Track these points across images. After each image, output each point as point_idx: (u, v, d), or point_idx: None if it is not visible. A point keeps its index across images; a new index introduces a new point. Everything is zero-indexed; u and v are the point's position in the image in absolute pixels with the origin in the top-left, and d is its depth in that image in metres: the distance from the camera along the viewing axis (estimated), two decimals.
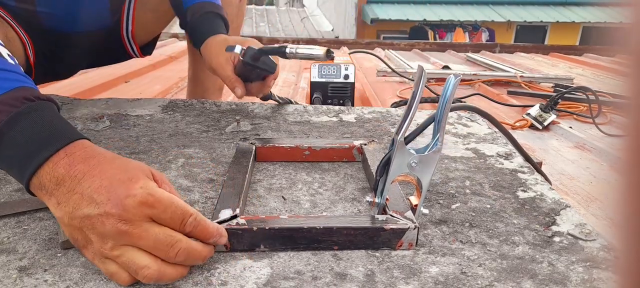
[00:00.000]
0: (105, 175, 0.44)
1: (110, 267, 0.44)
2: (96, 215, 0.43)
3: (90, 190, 0.43)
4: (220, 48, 0.86)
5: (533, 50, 3.57)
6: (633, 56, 0.16)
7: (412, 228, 0.53)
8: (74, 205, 0.44)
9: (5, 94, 0.47)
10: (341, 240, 0.53)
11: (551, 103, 1.49)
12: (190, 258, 0.45)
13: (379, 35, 9.39)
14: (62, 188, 0.44)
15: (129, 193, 0.43)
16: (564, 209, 0.64)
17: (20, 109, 0.47)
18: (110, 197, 0.43)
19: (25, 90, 0.49)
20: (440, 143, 0.54)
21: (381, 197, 0.57)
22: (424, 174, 0.56)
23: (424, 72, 0.52)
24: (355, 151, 0.78)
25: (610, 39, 0.17)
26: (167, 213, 0.44)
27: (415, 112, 0.53)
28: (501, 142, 0.88)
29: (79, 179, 0.44)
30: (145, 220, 0.43)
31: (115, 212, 0.42)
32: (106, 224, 0.42)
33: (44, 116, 0.48)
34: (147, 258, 0.43)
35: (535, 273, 0.50)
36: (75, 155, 0.46)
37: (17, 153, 0.46)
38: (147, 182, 0.45)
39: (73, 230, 0.45)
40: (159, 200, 0.44)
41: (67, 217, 0.44)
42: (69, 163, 0.45)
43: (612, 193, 0.18)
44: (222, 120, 0.94)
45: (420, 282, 0.49)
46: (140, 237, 0.43)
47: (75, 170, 0.45)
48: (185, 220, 0.45)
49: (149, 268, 0.43)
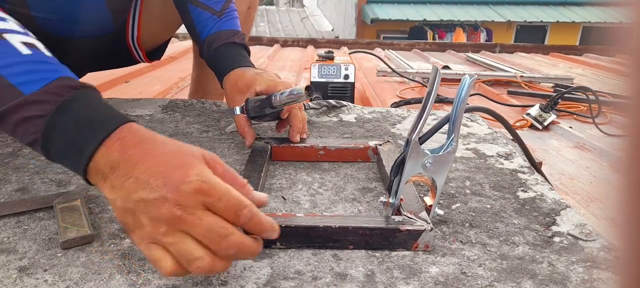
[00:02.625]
0: (160, 160, 0.44)
1: (156, 252, 0.43)
2: (152, 199, 0.42)
3: (145, 174, 0.43)
4: (232, 89, 0.82)
5: (533, 50, 3.57)
6: (633, 56, 0.16)
7: (428, 230, 0.53)
8: (128, 189, 0.44)
9: (49, 84, 0.48)
10: (356, 240, 0.53)
11: (551, 103, 1.49)
12: (241, 252, 0.44)
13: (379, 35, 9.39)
14: (117, 173, 0.44)
15: (184, 180, 0.42)
16: (564, 209, 0.64)
17: (66, 97, 0.48)
18: (166, 182, 0.43)
19: (68, 80, 0.49)
20: (454, 143, 0.54)
21: (395, 197, 0.57)
22: (439, 175, 0.56)
23: (438, 72, 0.52)
24: (370, 151, 0.78)
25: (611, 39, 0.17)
26: (222, 202, 0.43)
27: (429, 111, 0.53)
28: (501, 142, 0.88)
29: (133, 163, 0.44)
30: (200, 208, 0.43)
31: (171, 196, 0.42)
32: (162, 208, 0.42)
33: (91, 102, 0.49)
34: (201, 250, 0.43)
35: (535, 273, 0.50)
36: (126, 139, 0.46)
37: (70, 139, 0.46)
38: (203, 168, 0.44)
39: (125, 213, 0.44)
40: (214, 188, 0.43)
41: (120, 200, 0.44)
42: (121, 147, 0.45)
43: (612, 193, 0.18)
44: (222, 120, 0.94)
45: (420, 282, 0.49)
46: (193, 224, 0.42)
47: (129, 154, 0.44)
48: (240, 211, 0.44)
49: (203, 260, 0.42)
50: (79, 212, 0.57)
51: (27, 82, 0.48)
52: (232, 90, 0.82)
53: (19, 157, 0.74)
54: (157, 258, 0.43)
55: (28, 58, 0.50)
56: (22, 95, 0.47)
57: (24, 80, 0.48)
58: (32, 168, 0.71)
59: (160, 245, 0.43)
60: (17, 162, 0.73)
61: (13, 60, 0.49)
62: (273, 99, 0.72)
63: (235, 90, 0.81)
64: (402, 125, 0.95)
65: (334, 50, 1.88)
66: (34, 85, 0.47)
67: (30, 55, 0.50)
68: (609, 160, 1.20)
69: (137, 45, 1.08)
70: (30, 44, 0.51)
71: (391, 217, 0.55)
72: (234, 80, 0.82)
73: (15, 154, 0.75)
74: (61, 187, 0.66)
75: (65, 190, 0.65)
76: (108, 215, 0.59)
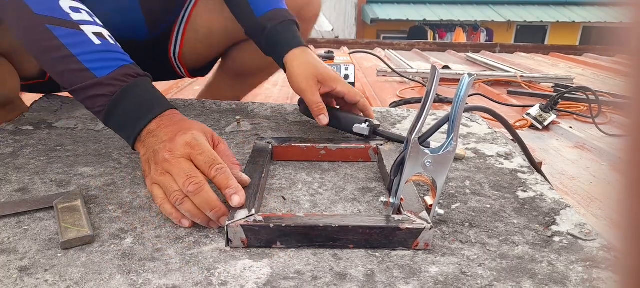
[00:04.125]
0: (176, 127, 0.60)
1: (155, 189, 0.57)
2: (158, 149, 0.58)
3: (162, 134, 0.60)
4: (308, 70, 0.83)
5: (533, 50, 3.57)
6: (633, 56, 0.16)
7: (428, 229, 0.53)
8: (150, 144, 0.60)
9: (115, 71, 0.63)
10: (357, 239, 0.53)
11: (551, 103, 1.49)
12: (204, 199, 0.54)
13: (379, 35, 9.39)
14: (149, 136, 0.61)
15: (181, 136, 0.58)
16: (564, 209, 0.64)
17: (128, 84, 0.63)
18: (170, 138, 0.58)
19: (129, 68, 0.64)
20: (454, 143, 0.54)
21: (396, 197, 0.57)
22: (439, 174, 0.56)
23: (437, 72, 0.52)
24: (371, 151, 0.78)
25: (611, 39, 0.17)
26: (202, 156, 0.56)
27: (429, 111, 0.53)
28: (501, 142, 0.88)
29: (161, 129, 0.61)
30: (184, 156, 0.56)
31: (168, 146, 0.57)
32: (159, 154, 0.57)
33: (146, 89, 0.64)
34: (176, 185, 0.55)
35: (534, 273, 0.50)
36: (164, 117, 0.63)
37: (129, 117, 0.62)
38: (199, 134, 0.59)
39: (144, 162, 0.61)
40: (199, 145, 0.57)
41: (144, 153, 0.61)
42: (159, 121, 0.62)
43: (612, 193, 0.18)
44: (222, 120, 0.94)
45: (420, 281, 0.49)
46: (173, 165, 0.56)
47: (162, 124, 0.61)
48: (213, 165, 0.56)
49: (178, 193, 0.54)
50: (79, 212, 0.57)
51: (99, 68, 0.62)
52: (308, 78, 0.83)
53: (19, 157, 0.74)
54: (155, 193, 0.57)
55: (99, 47, 0.64)
56: (95, 78, 0.62)
57: (97, 67, 0.62)
58: (33, 168, 0.71)
59: (158, 185, 0.57)
60: (17, 162, 0.73)
61: (88, 49, 0.63)
62: (354, 127, 0.82)
63: (311, 79, 0.83)
64: (402, 125, 0.95)
65: (334, 50, 1.88)
66: (104, 71, 0.62)
67: (101, 44, 0.64)
68: (609, 160, 1.20)
69: (178, 60, 1.08)
70: (99, 33, 0.65)
71: (392, 216, 0.55)
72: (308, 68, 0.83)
73: (16, 154, 0.75)
74: (61, 187, 0.66)
75: (65, 190, 0.65)
76: (108, 216, 0.59)
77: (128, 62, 0.65)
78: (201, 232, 0.56)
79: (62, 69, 0.64)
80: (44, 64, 0.67)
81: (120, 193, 0.64)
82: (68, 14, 0.64)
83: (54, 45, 0.62)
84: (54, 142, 0.81)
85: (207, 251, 0.53)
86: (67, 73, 0.63)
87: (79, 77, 0.62)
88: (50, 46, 0.63)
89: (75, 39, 0.63)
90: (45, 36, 0.63)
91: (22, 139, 0.81)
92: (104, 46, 0.64)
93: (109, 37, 0.66)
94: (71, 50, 0.62)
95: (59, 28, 0.63)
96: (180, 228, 0.57)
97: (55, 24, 0.63)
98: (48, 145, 0.79)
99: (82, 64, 0.62)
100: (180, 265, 0.50)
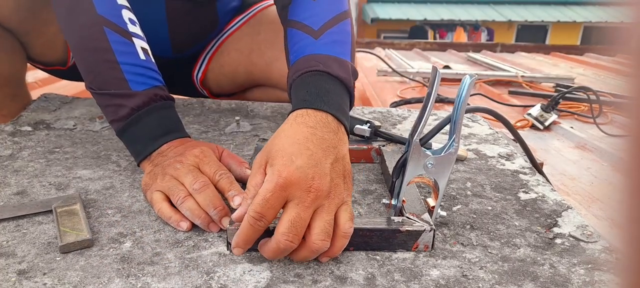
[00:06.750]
0: (186, 146, 0.64)
1: (155, 196, 0.59)
2: (168, 163, 0.61)
3: (172, 153, 0.63)
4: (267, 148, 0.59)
5: (534, 50, 3.56)
6: (634, 56, 0.16)
7: (427, 231, 0.53)
8: (159, 162, 0.62)
9: (148, 89, 0.66)
10: (357, 241, 0.53)
11: (552, 103, 1.48)
12: (206, 195, 0.56)
13: (380, 35, 9.39)
14: (159, 156, 0.63)
15: (191, 150, 0.62)
16: (566, 211, 0.63)
17: (156, 104, 0.65)
18: (181, 153, 0.62)
19: (160, 89, 0.67)
20: (456, 144, 0.54)
21: (397, 199, 0.57)
22: (441, 176, 0.55)
23: (438, 73, 0.52)
24: (373, 152, 0.78)
25: (612, 39, 0.17)
26: (208, 165, 0.60)
27: (430, 112, 0.53)
28: (502, 143, 0.88)
29: (171, 149, 0.64)
30: (193, 165, 0.60)
31: (178, 158, 0.61)
32: (170, 166, 0.60)
33: (169, 113, 0.67)
34: (185, 190, 0.57)
35: (536, 275, 0.50)
36: (177, 140, 0.65)
37: (146, 136, 0.65)
38: (207, 149, 0.63)
39: (149, 176, 0.62)
40: (206, 156, 0.61)
41: (150, 170, 0.63)
42: (170, 144, 0.64)
43: (613, 193, 0.17)
44: (222, 121, 0.94)
45: (421, 285, 0.48)
46: (181, 172, 0.59)
47: (172, 145, 0.64)
48: (218, 171, 0.59)
49: (183, 193, 0.57)
50: (78, 216, 0.57)
51: (136, 82, 0.65)
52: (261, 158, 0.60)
53: (18, 160, 0.74)
54: (154, 198, 0.59)
55: (143, 63, 0.66)
56: (129, 90, 0.65)
57: (135, 80, 0.65)
58: (31, 171, 0.71)
59: (160, 191, 0.59)
60: (16, 164, 0.72)
61: (134, 61, 0.66)
62: (355, 129, 0.82)
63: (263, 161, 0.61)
64: (403, 125, 0.95)
65: None
66: (139, 86, 0.65)
67: (145, 61, 0.67)
68: (610, 160, 1.20)
69: (199, 84, 1.09)
70: (145, 49, 0.68)
71: (392, 218, 0.55)
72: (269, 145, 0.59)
73: (14, 157, 0.75)
74: (60, 190, 0.66)
75: (64, 193, 0.65)
76: (107, 219, 0.59)
77: (161, 83, 0.68)
78: (200, 236, 0.56)
79: (100, 70, 0.66)
80: (82, 59, 0.68)
81: (119, 197, 0.64)
82: (126, 23, 0.67)
83: (103, 47, 0.65)
84: (53, 143, 0.81)
85: (206, 255, 0.52)
86: (104, 75, 0.65)
87: (114, 83, 0.65)
88: (99, 47, 0.65)
89: (125, 48, 0.66)
90: (99, 36, 0.65)
91: (20, 141, 0.81)
92: (147, 63, 0.67)
93: (151, 55, 0.69)
94: (117, 57, 0.65)
95: (115, 34, 0.65)
96: (179, 232, 0.56)
97: (112, 29, 0.65)
98: (47, 146, 0.79)
99: (122, 73, 0.65)
100: (180, 269, 0.50)
